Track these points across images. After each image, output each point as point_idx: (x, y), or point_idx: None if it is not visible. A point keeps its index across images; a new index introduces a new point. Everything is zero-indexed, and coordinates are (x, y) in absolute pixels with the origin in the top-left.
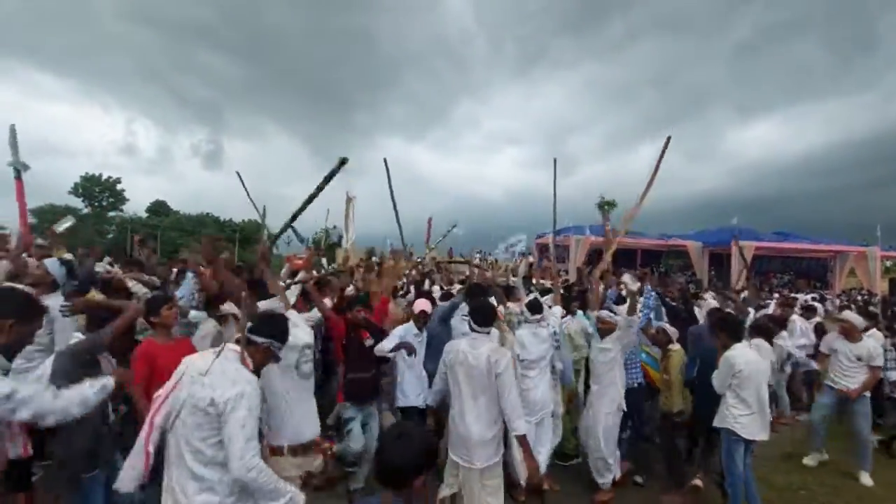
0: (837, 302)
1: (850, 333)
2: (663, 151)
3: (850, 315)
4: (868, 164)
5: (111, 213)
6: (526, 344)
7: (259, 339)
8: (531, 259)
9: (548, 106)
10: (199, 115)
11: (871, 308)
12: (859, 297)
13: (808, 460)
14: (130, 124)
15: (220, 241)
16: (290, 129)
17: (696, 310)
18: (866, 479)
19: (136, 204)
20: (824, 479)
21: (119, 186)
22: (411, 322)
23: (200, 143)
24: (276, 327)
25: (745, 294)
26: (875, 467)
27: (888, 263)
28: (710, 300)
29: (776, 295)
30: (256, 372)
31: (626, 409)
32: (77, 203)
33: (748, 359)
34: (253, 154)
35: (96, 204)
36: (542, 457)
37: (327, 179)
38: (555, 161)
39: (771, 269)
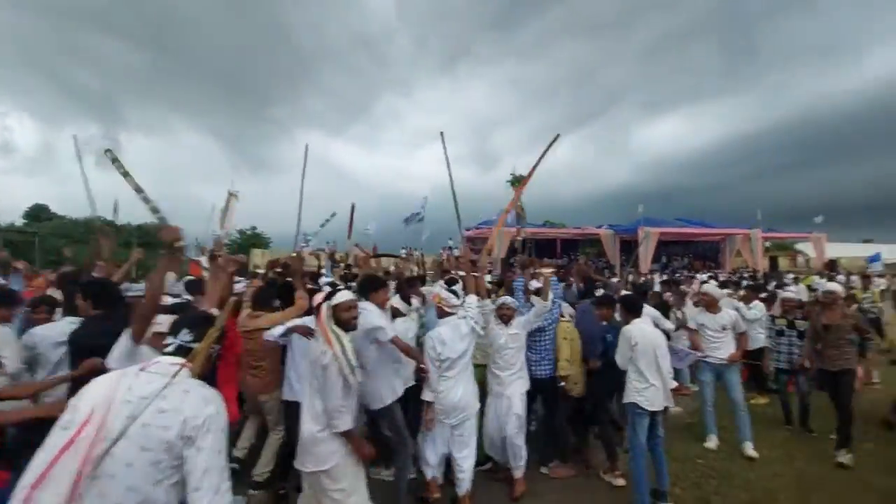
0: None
1: (711, 305)
2: (549, 146)
3: (709, 287)
4: (751, 158)
5: None
6: (446, 340)
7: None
8: (457, 252)
9: (472, 102)
10: (92, 108)
11: (756, 282)
12: (745, 274)
13: (709, 444)
14: (3, 118)
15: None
16: (200, 124)
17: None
18: (750, 449)
19: (13, 209)
20: (721, 446)
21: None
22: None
23: (92, 138)
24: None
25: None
26: (762, 431)
27: (767, 244)
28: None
29: (677, 275)
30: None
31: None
32: None
33: (644, 332)
34: (157, 150)
35: None
36: (466, 468)
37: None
38: (442, 135)
39: (674, 253)
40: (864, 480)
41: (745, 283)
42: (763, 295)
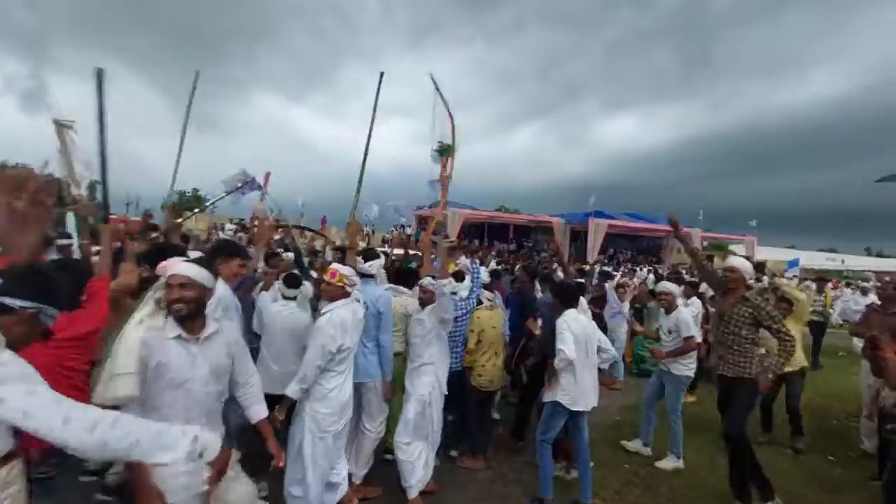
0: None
1: (670, 305)
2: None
3: (667, 285)
4: (698, 161)
5: None
6: (347, 327)
7: (18, 304)
8: (408, 231)
9: (439, 80)
10: (19, 45)
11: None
12: (683, 270)
13: (630, 444)
14: None
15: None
16: (145, 74)
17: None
18: (672, 463)
19: None
20: (649, 450)
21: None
22: None
23: (15, 77)
24: (43, 285)
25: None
26: (688, 433)
27: (706, 243)
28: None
29: (622, 269)
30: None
31: (447, 391)
32: None
33: (581, 324)
34: (91, 97)
35: None
36: (341, 480)
37: None
38: (381, 75)
39: (620, 246)
40: (788, 491)
41: (687, 279)
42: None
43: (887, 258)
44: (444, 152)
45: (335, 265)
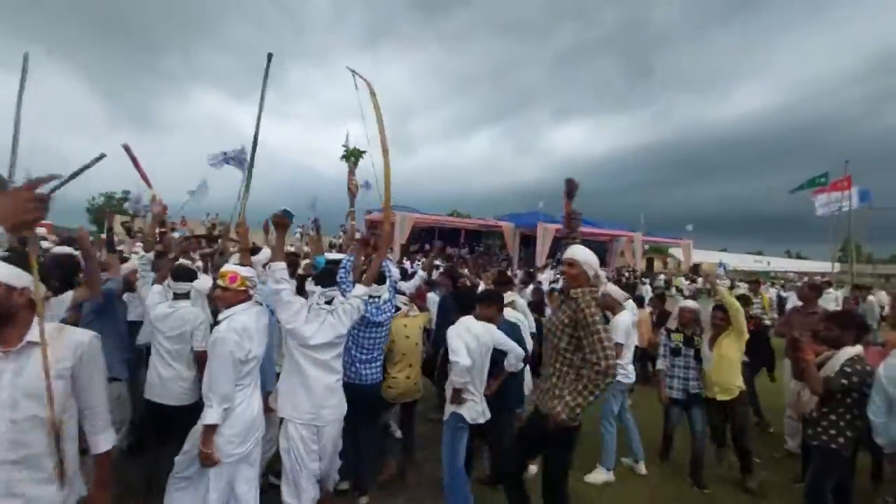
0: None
1: (612, 309)
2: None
3: (611, 288)
4: (640, 169)
5: None
6: (253, 334)
7: None
8: (358, 235)
9: (392, 84)
10: None
11: (628, 282)
12: (626, 273)
13: (591, 476)
14: None
15: None
16: (71, 62)
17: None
18: (594, 476)
19: None
20: (580, 464)
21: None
22: None
23: None
24: None
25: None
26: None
27: (646, 247)
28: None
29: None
30: None
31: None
32: None
33: (476, 331)
34: (8, 87)
35: None
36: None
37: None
38: (269, 56)
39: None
40: (711, 495)
41: (625, 281)
42: (637, 295)
43: (805, 259)
44: (352, 157)
45: (232, 266)
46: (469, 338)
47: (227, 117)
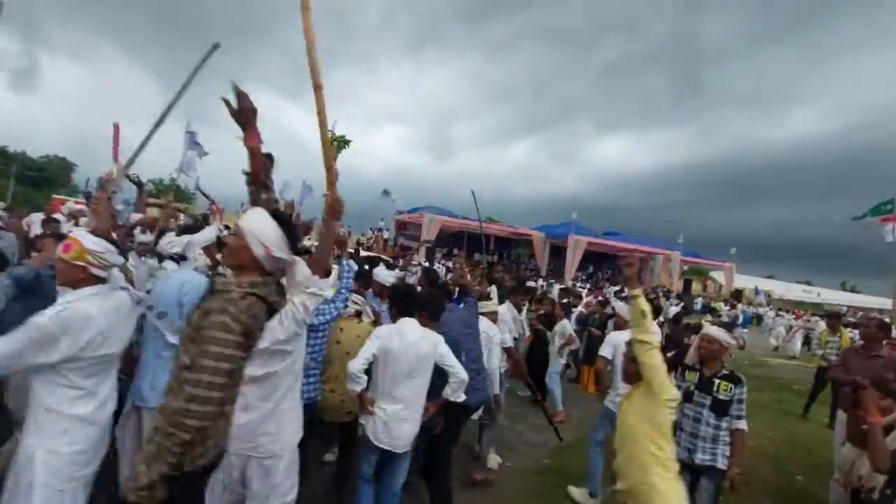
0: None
1: (622, 328)
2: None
3: (620, 306)
4: (683, 186)
5: None
6: (105, 326)
7: None
8: (385, 235)
9: (434, 89)
10: (7, 17)
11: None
12: (660, 293)
13: (575, 490)
14: None
15: None
16: (135, 56)
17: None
18: (575, 491)
19: None
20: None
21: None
22: None
23: (7, 54)
24: None
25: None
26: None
27: (685, 267)
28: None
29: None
30: None
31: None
32: None
33: (405, 338)
34: (81, 78)
35: None
36: None
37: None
38: (214, 46)
39: (601, 265)
40: None
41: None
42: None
43: (860, 294)
44: (335, 143)
45: (77, 232)
46: (395, 343)
47: (277, 115)
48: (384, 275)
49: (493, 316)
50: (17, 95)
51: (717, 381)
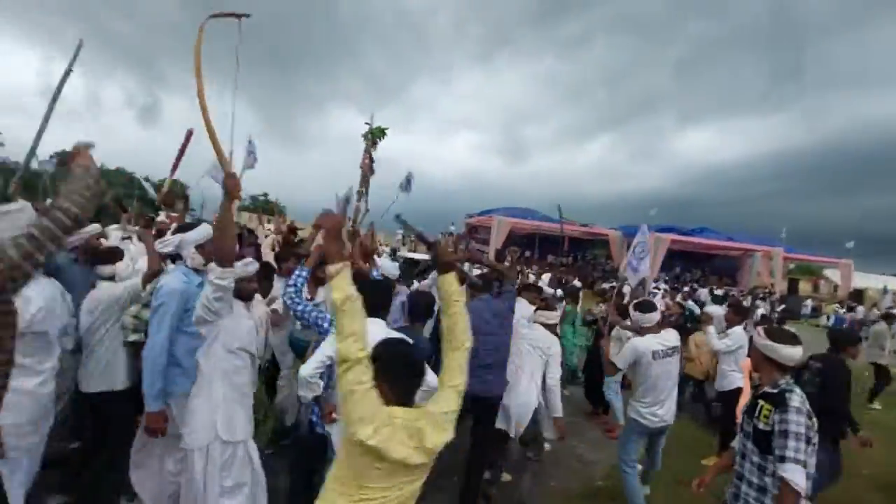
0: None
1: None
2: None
3: (713, 308)
4: (780, 177)
5: None
6: (55, 307)
7: None
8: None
9: (506, 93)
10: (134, 62)
11: (739, 300)
12: (761, 294)
13: None
14: (48, 63)
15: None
16: (231, 86)
17: None
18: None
19: (41, 154)
20: None
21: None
22: None
23: (134, 94)
24: None
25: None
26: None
27: (791, 265)
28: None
29: (685, 288)
30: None
31: None
32: None
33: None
34: (191, 110)
35: None
36: None
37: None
38: (79, 43)
39: (688, 264)
40: None
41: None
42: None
43: None
44: (372, 135)
45: None
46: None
47: (357, 131)
48: (388, 266)
49: (552, 327)
50: (144, 130)
51: (759, 402)
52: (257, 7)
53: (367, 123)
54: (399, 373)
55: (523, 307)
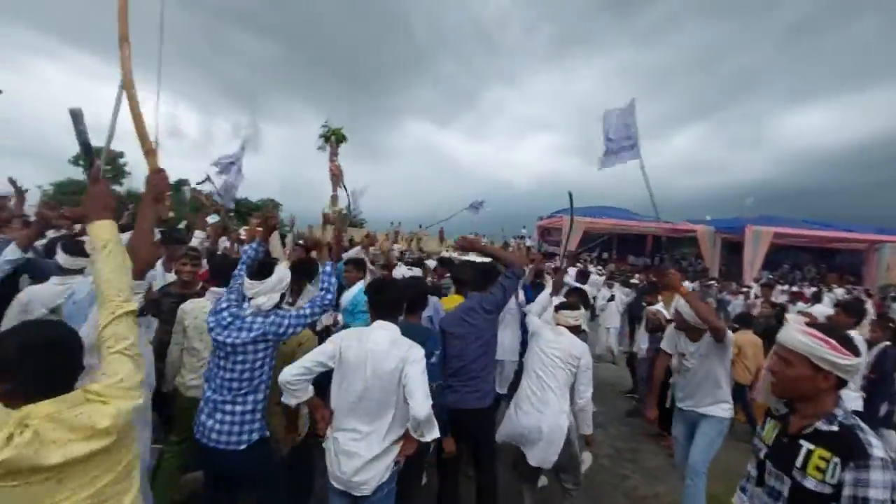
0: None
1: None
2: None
3: (817, 309)
4: None
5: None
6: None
7: None
8: (528, 243)
9: (582, 91)
10: (239, 98)
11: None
12: (893, 293)
13: None
14: (173, 107)
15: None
16: (320, 111)
17: None
18: None
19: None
20: None
21: (122, 160)
22: None
23: (241, 127)
24: None
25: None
26: None
27: None
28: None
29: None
30: None
31: None
32: (77, 173)
33: (361, 343)
34: (286, 138)
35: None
36: None
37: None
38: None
39: (802, 260)
40: None
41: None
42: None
43: None
44: (333, 137)
45: None
46: (352, 351)
47: (432, 142)
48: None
49: (575, 330)
50: (247, 156)
51: (804, 444)
52: (343, 34)
53: (323, 126)
54: (28, 363)
55: (540, 307)
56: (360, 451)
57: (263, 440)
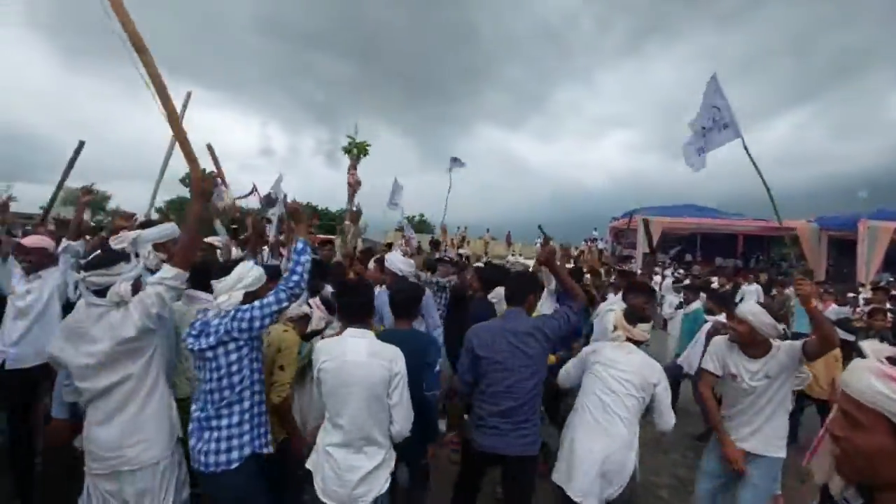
0: None
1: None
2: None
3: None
4: None
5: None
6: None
7: None
8: (601, 245)
9: (660, 83)
10: (319, 116)
11: None
12: None
13: None
14: (265, 128)
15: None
16: (393, 122)
17: None
18: None
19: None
20: None
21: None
22: None
23: (321, 143)
24: None
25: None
26: None
27: None
28: None
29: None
30: None
31: None
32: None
33: (345, 355)
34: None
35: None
36: None
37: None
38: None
39: None
40: None
41: None
42: None
43: None
44: (355, 150)
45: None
46: (330, 363)
47: (502, 146)
48: (397, 262)
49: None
50: (328, 169)
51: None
52: (412, 46)
53: (349, 137)
54: None
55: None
56: (362, 463)
57: (258, 456)
